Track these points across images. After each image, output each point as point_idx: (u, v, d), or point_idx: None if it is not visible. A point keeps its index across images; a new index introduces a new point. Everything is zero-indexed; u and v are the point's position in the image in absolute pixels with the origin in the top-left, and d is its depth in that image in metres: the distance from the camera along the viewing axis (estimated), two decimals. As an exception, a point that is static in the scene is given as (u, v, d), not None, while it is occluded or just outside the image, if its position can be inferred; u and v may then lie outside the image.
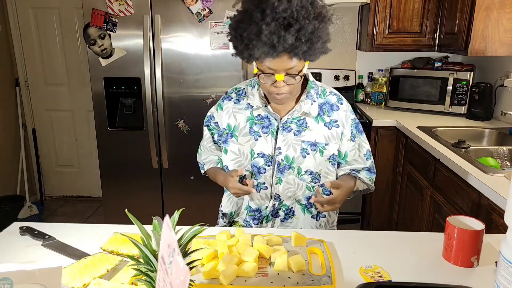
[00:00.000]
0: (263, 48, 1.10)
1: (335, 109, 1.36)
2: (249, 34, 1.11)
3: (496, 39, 2.26)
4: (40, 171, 3.76)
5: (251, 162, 1.36)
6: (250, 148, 1.35)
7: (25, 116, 3.61)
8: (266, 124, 1.34)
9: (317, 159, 1.33)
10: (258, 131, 1.34)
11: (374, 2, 2.75)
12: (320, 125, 1.34)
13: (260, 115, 1.35)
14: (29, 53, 3.51)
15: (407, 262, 1.03)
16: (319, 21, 1.13)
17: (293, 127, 1.33)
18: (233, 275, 0.94)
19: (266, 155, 1.34)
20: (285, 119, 1.33)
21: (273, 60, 1.14)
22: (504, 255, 0.83)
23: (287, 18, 1.09)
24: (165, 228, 0.57)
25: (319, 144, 1.33)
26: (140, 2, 2.45)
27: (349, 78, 3.18)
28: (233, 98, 1.40)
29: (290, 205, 1.39)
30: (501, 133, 2.32)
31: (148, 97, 2.55)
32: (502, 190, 1.41)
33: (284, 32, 1.08)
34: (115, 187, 2.75)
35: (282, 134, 1.33)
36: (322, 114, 1.35)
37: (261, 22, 1.09)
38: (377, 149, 2.70)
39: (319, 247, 1.09)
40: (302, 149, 1.33)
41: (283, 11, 1.08)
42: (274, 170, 1.35)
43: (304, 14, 1.10)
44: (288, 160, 1.33)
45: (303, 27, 1.10)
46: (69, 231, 1.18)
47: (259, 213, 1.41)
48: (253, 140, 1.35)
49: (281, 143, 1.33)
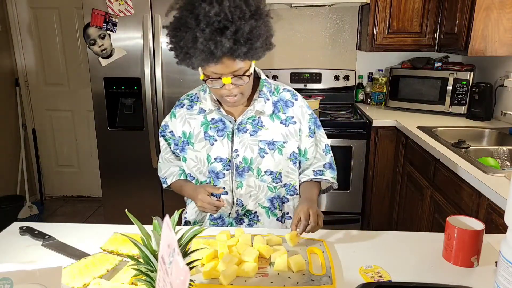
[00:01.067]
0: (201, 56, 1.07)
1: (290, 106, 1.33)
2: (186, 42, 1.08)
3: (496, 39, 2.26)
4: (40, 171, 3.76)
5: (208, 167, 1.32)
6: (206, 154, 1.31)
7: (25, 116, 3.61)
8: (221, 127, 1.31)
9: (276, 158, 1.30)
10: (213, 135, 1.31)
11: (374, 2, 2.75)
12: (276, 123, 1.31)
13: (214, 119, 1.32)
14: (29, 53, 3.51)
15: (407, 262, 1.03)
16: (256, 19, 1.09)
17: (248, 127, 1.30)
18: (233, 275, 0.94)
19: (224, 159, 1.30)
20: (240, 120, 1.29)
21: (216, 65, 1.10)
22: (504, 255, 0.83)
23: (222, 21, 1.04)
24: (165, 228, 0.57)
25: (277, 142, 1.30)
26: (140, 2, 2.45)
27: (349, 78, 3.18)
28: (185, 104, 1.37)
29: (253, 210, 1.35)
30: (501, 133, 2.32)
31: (148, 97, 2.55)
32: (502, 190, 1.41)
33: (220, 36, 1.04)
34: (115, 187, 2.75)
35: (238, 136, 1.29)
36: (277, 111, 1.32)
37: (196, 29, 1.05)
38: (377, 149, 2.70)
39: (319, 247, 1.09)
40: (259, 149, 1.29)
41: (215, 14, 1.03)
42: (233, 174, 1.31)
43: (239, 15, 1.05)
44: (246, 162, 1.30)
45: (240, 28, 1.05)
46: (69, 231, 1.18)
47: (221, 221, 1.38)
48: (209, 145, 1.31)
49: (237, 145, 1.29)
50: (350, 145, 2.69)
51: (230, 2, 1.05)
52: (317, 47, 3.24)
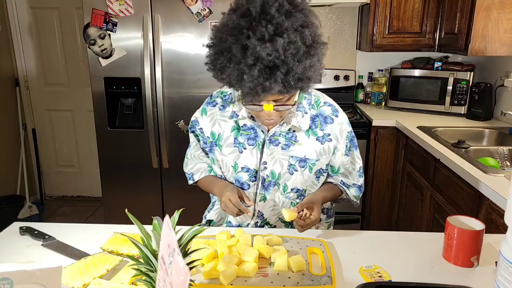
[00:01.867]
0: (247, 97, 0.99)
1: (329, 122, 1.25)
2: (231, 76, 0.98)
3: (496, 39, 2.26)
4: (40, 171, 3.76)
5: (234, 176, 1.26)
6: (233, 161, 1.25)
7: (25, 116, 3.61)
8: (252, 136, 1.23)
9: (305, 176, 1.24)
10: (243, 143, 1.24)
11: (374, 2, 2.75)
12: (311, 140, 1.23)
13: (246, 125, 1.24)
14: (29, 53, 3.51)
15: (407, 262, 1.03)
16: (311, 54, 0.98)
17: (281, 140, 1.23)
18: (233, 275, 0.94)
19: (251, 170, 1.24)
20: (273, 131, 1.22)
21: None
22: (504, 255, 0.83)
23: (273, 60, 0.93)
24: (165, 228, 0.57)
25: (309, 160, 1.23)
26: (140, 2, 2.45)
27: (349, 78, 3.18)
28: (218, 103, 1.29)
29: (274, 223, 1.31)
30: (501, 133, 2.32)
31: (148, 97, 2.55)
32: (502, 190, 1.41)
33: (269, 79, 0.94)
34: (115, 187, 2.75)
35: (268, 147, 1.22)
36: (315, 127, 1.24)
37: (242, 63, 0.95)
38: (377, 149, 2.70)
39: (319, 247, 1.09)
40: (289, 165, 1.22)
41: (267, 55, 0.92)
42: (258, 186, 1.25)
43: (292, 52, 0.94)
44: (273, 176, 1.23)
45: (292, 69, 0.95)
46: (69, 231, 1.18)
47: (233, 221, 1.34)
48: (238, 153, 1.24)
49: (267, 157, 1.23)
50: (350, 145, 2.69)
51: (285, 38, 0.93)
52: (317, 47, 3.23)
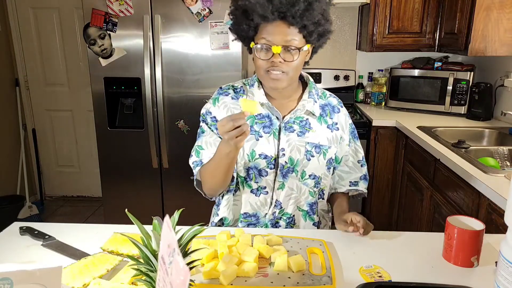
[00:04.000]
0: (258, 8, 1.13)
1: (337, 112, 1.34)
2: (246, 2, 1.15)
3: (496, 39, 2.26)
4: (40, 171, 3.76)
5: (252, 163, 1.26)
6: (250, 149, 1.25)
7: (25, 116, 3.61)
8: (267, 124, 1.26)
9: (320, 162, 1.29)
10: (259, 131, 1.26)
11: (374, 2, 2.75)
12: (323, 127, 1.30)
13: (261, 114, 1.27)
14: (29, 53, 3.51)
15: (407, 262, 1.03)
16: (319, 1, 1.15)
17: (295, 127, 1.27)
18: (233, 275, 0.94)
19: (269, 157, 1.25)
20: (287, 118, 1.26)
21: (271, 25, 1.14)
22: (504, 255, 0.83)
23: None
24: (165, 228, 0.57)
25: (323, 146, 1.29)
26: (140, 2, 2.45)
27: (349, 78, 3.18)
28: (230, 94, 1.31)
29: (292, 213, 1.31)
30: (501, 133, 2.32)
31: (148, 97, 2.55)
32: (502, 190, 1.41)
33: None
34: (115, 187, 2.75)
35: (285, 134, 1.26)
36: (325, 115, 1.31)
37: None
38: (377, 149, 2.70)
39: (319, 247, 1.09)
40: (306, 151, 1.26)
41: None
42: (276, 173, 1.27)
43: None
44: (292, 163, 1.26)
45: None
46: (69, 231, 1.18)
47: (256, 219, 1.31)
48: (254, 140, 1.25)
49: (284, 144, 1.25)
50: (350, 145, 2.69)
51: None
52: (317, 47, 3.23)
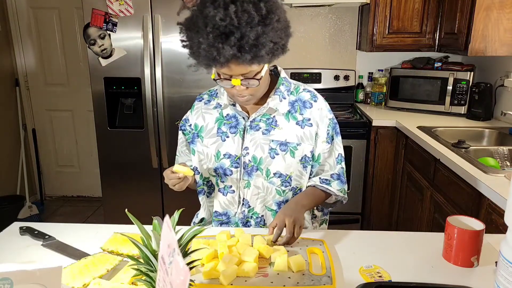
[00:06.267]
0: (204, 61, 1.06)
1: (308, 107, 1.29)
2: (192, 45, 1.07)
3: (496, 39, 2.26)
4: (40, 171, 3.76)
5: (218, 164, 1.30)
6: (216, 150, 1.29)
7: (25, 116, 3.61)
8: (233, 124, 1.29)
9: (287, 160, 1.26)
10: (226, 132, 1.30)
11: (374, 2, 2.75)
12: (291, 124, 1.27)
13: (229, 115, 1.31)
14: (29, 53, 3.51)
15: (407, 262, 1.03)
16: (265, 24, 1.03)
17: (261, 125, 1.27)
18: (233, 275, 0.94)
19: (232, 156, 1.28)
20: (253, 117, 1.27)
21: (222, 68, 1.09)
22: (504, 255, 0.83)
23: (227, 26, 1.00)
24: (165, 228, 0.57)
25: (290, 144, 1.26)
26: (140, 2, 2.45)
27: (349, 78, 3.18)
28: (204, 99, 1.38)
29: (261, 213, 1.31)
30: (501, 133, 2.32)
31: (148, 97, 2.55)
32: (502, 190, 1.41)
33: (224, 43, 1.01)
34: (115, 187, 2.75)
35: (249, 133, 1.27)
36: (294, 111, 1.28)
37: (201, 33, 1.03)
38: (377, 149, 2.70)
39: (319, 247, 1.09)
40: (270, 149, 1.26)
41: (220, 19, 1.00)
42: (241, 172, 1.29)
43: (246, 20, 1.01)
44: (255, 161, 1.26)
45: (245, 35, 1.01)
46: (69, 231, 1.18)
47: (227, 218, 1.34)
48: (220, 141, 1.29)
49: (248, 143, 1.27)
50: (350, 145, 2.69)
51: (238, 6, 1.01)
52: (317, 47, 3.24)
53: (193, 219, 1.49)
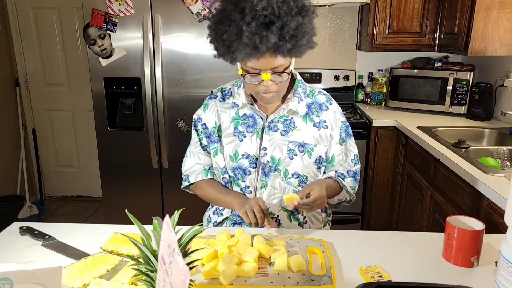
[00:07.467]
0: (245, 50, 1.06)
1: (324, 109, 1.31)
2: (230, 35, 1.06)
3: (496, 39, 2.26)
4: (40, 171, 3.76)
5: (236, 164, 1.29)
6: (233, 150, 1.29)
7: (25, 116, 3.61)
8: (251, 123, 1.29)
9: (305, 161, 1.27)
10: (243, 131, 1.29)
11: (374, 2, 2.75)
12: (308, 125, 1.29)
13: (246, 114, 1.30)
14: (29, 53, 3.51)
15: (407, 262, 1.03)
16: (302, 15, 1.08)
17: (279, 126, 1.28)
18: (233, 275, 0.94)
19: (251, 156, 1.28)
20: (272, 118, 1.28)
21: (257, 61, 1.10)
22: (504, 255, 0.83)
23: (268, 16, 1.03)
24: (165, 228, 0.57)
25: (308, 145, 1.28)
26: (140, 2, 2.45)
27: (349, 78, 3.18)
28: (218, 96, 1.36)
29: (276, 214, 1.32)
30: (501, 133, 2.32)
31: (148, 97, 2.55)
32: (502, 190, 1.41)
33: (266, 31, 1.03)
34: (115, 187, 2.75)
35: (268, 133, 1.27)
36: (311, 113, 1.30)
37: (241, 22, 1.04)
38: (377, 149, 2.70)
39: (319, 247, 1.09)
40: (289, 149, 1.27)
41: (263, 9, 1.02)
42: (259, 172, 1.28)
43: (286, 10, 1.05)
44: (274, 162, 1.27)
45: (286, 24, 1.05)
46: (69, 231, 1.18)
47: (241, 218, 1.32)
48: (238, 141, 1.29)
49: (266, 143, 1.27)
50: (350, 145, 2.69)
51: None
52: (317, 47, 3.20)
53: (211, 217, 1.41)
